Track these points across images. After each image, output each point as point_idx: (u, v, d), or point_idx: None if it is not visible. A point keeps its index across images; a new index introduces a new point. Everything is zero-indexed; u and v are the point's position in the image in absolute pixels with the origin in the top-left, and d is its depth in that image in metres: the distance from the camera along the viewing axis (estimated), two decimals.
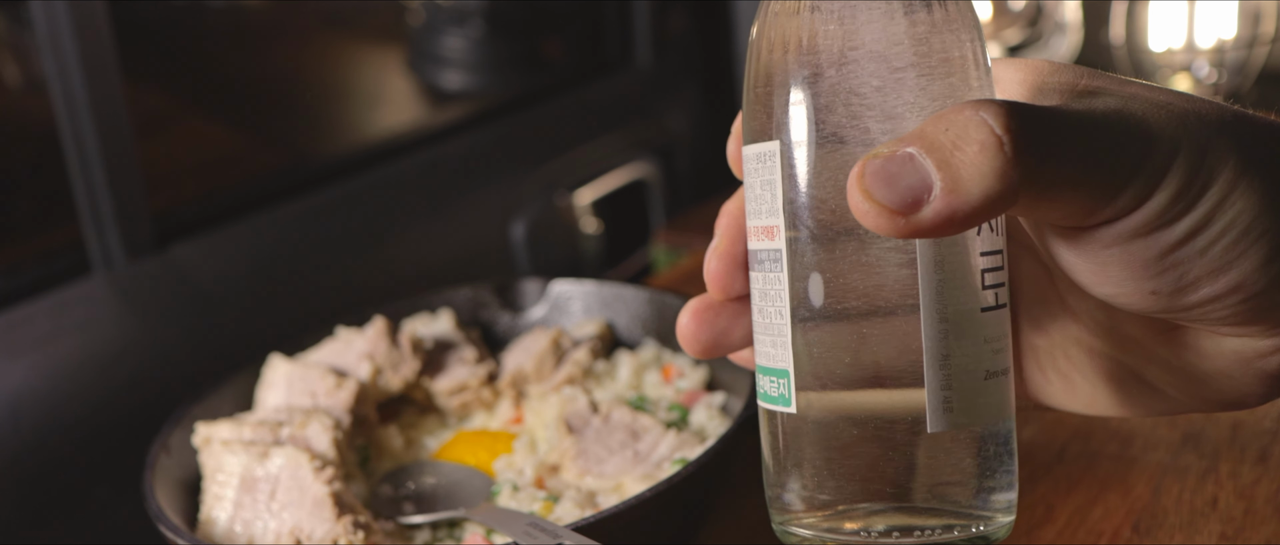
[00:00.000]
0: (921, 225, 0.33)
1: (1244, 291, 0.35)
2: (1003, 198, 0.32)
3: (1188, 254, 0.34)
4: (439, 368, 0.78)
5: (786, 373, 0.38)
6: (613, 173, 1.22)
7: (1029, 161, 0.32)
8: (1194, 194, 0.34)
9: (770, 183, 0.38)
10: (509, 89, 1.28)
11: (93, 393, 0.81)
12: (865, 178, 0.33)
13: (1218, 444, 0.72)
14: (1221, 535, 0.64)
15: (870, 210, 0.33)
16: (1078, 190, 0.33)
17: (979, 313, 0.36)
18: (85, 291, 0.84)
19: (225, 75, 1.10)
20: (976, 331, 0.36)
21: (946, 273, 0.36)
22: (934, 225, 0.33)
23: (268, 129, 1.14)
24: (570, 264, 1.16)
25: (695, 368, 0.77)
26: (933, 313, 0.36)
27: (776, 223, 0.38)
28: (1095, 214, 0.34)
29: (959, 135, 0.32)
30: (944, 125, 0.33)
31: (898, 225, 0.33)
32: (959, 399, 0.36)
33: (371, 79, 1.24)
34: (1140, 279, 0.35)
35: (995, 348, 0.37)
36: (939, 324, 0.36)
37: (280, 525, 0.64)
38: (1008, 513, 0.38)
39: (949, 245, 0.36)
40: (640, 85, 1.30)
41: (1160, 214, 0.34)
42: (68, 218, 0.85)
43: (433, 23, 1.26)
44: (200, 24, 1.09)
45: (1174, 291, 0.35)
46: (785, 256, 0.38)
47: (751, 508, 0.71)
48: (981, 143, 0.32)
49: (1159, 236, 0.34)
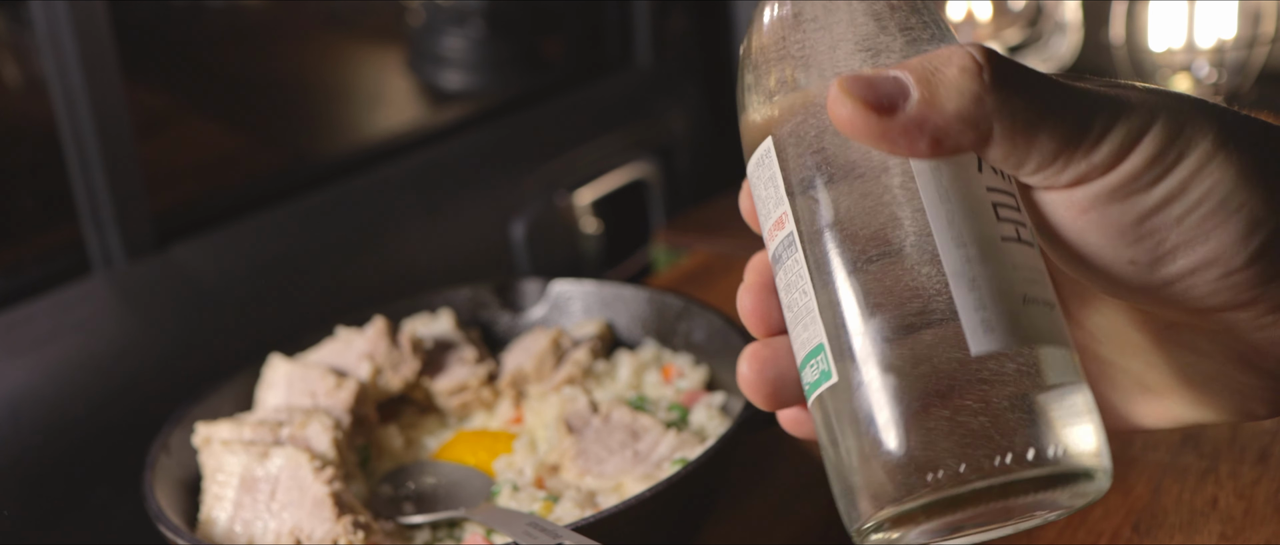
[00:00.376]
0: (891, 130, 0.34)
1: (1222, 265, 0.35)
2: (975, 121, 0.34)
3: (1164, 221, 0.35)
4: (439, 368, 0.78)
5: (821, 346, 0.36)
6: (613, 173, 1.22)
7: (1005, 92, 0.34)
8: (1171, 159, 0.34)
9: (772, 177, 0.38)
10: (509, 89, 1.28)
11: (93, 393, 0.81)
12: (845, 81, 0.34)
13: (1218, 444, 0.72)
14: (1221, 535, 0.64)
15: (846, 105, 0.34)
16: (1051, 132, 0.34)
17: (999, 241, 0.35)
18: (85, 291, 0.84)
19: (225, 75, 1.10)
20: (1001, 257, 0.35)
21: (955, 204, 0.35)
22: (904, 131, 0.34)
23: (268, 129, 1.14)
24: (570, 264, 1.16)
25: (695, 368, 0.77)
26: (949, 241, 0.35)
27: (784, 208, 0.38)
28: (1070, 159, 0.35)
29: (942, 61, 0.34)
30: (927, 56, 0.35)
31: (870, 122, 0.34)
32: (997, 318, 0.34)
33: (371, 79, 1.24)
34: (1118, 245, 0.36)
35: (1029, 277, 0.35)
36: (958, 249, 0.35)
37: (280, 525, 0.64)
38: (1097, 457, 0.35)
39: (951, 178, 0.35)
40: (640, 85, 1.30)
41: (1136, 175, 0.34)
42: (68, 218, 0.85)
43: (433, 23, 1.26)
44: (200, 24, 1.09)
45: (1152, 261, 0.35)
46: (797, 233, 0.37)
47: (751, 508, 0.71)
48: (962, 67, 0.34)
49: (1135, 201, 0.35)
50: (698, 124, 1.31)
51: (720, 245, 1.11)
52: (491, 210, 1.11)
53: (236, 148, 1.10)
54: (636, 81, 1.30)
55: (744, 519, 0.70)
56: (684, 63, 1.33)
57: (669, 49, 1.32)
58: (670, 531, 0.65)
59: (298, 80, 1.17)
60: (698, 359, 0.78)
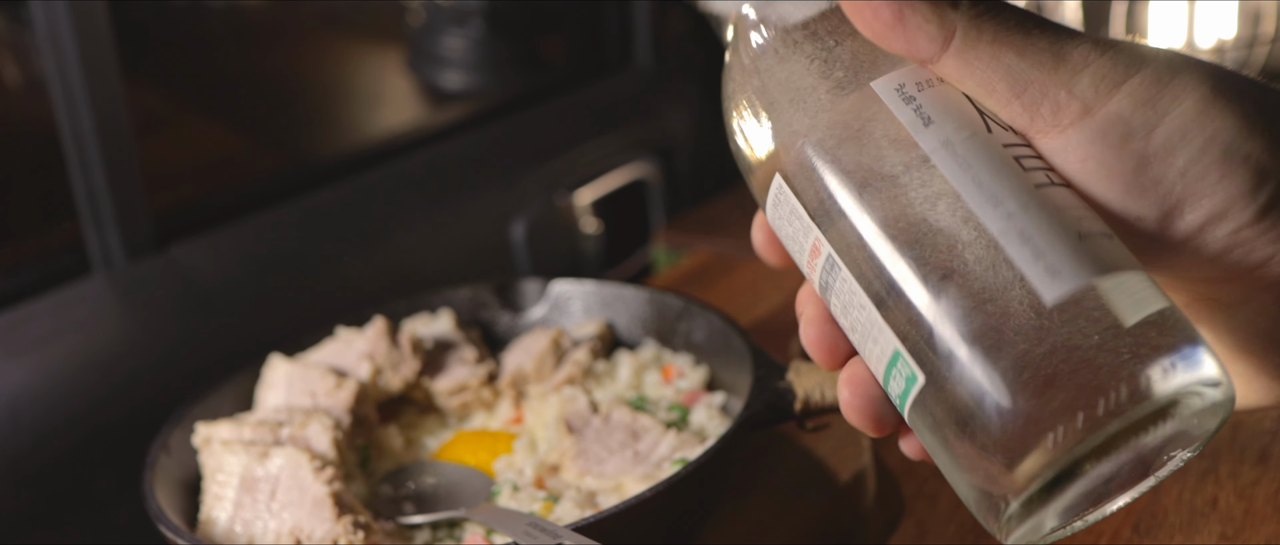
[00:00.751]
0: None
1: (1232, 219, 0.34)
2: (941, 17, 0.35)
3: (1166, 171, 0.34)
4: (439, 368, 0.78)
5: (898, 353, 0.35)
6: (613, 173, 1.22)
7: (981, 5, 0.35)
8: (1165, 103, 0.34)
9: (793, 210, 0.38)
10: (509, 89, 1.28)
11: (93, 393, 0.81)
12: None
13: (1218, 444, 0.72)
14: (1221, 535, 0.64)
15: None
16: (1020, 52, 0.35)
17: (1033, 188, 0.35)
18: (85, 291, 0.84)
19: (225, 75, 1.10)
20: (1042, 203, 0.34)
21: (977, 167, 0.35)
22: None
23: (268, 129, 1.14)
24: (570, 264, 1.16)
25: (695, 368, 0.77)
26: (985, 204, 0.34)
27: (815, 235, 0.38)
28: (1045, 88, 0.35)
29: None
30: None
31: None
32: (1060, 261, 0.33)
33: (371, 79, 1.25)
34: (1124, 199, 0.35)
35: (1077, 214, 0.35)
36: (995, 208, 0.34)
37: (280, 525, 0.64)
38: (1210, 364, 0.33)
39: (965, 146, 0.36)
40: (640, 85, 1.30)
41: (1126, 116, 0.34)
42: (68, 218, 0.85)
43: (433, 23, 1.26)
44: (200, 24, 1.10)
45: (1160, 216, 0.35)
46: (835, 253, 0.37)
47: (751, 508, 0.71)
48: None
49: (1133, 147, 0.34)
50: (698, 124, 1.31)
51: (720, 245, 1.11)
52: (491, 210, 1.11)
53: (236, 148, 1.10)
54: (636, 81, 1.30)
55: (744, 519, 0.70)
56: (684, 63, 1.33)
57: (669, 49, 1.32)
58: (670, 531, 0.65)
59: (298, 80, 1.17)
60: (698, 359, 0.78)
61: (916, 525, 0.67)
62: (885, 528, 0.68)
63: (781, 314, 0.95)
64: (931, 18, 0.35)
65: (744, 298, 1.00)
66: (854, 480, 0.71)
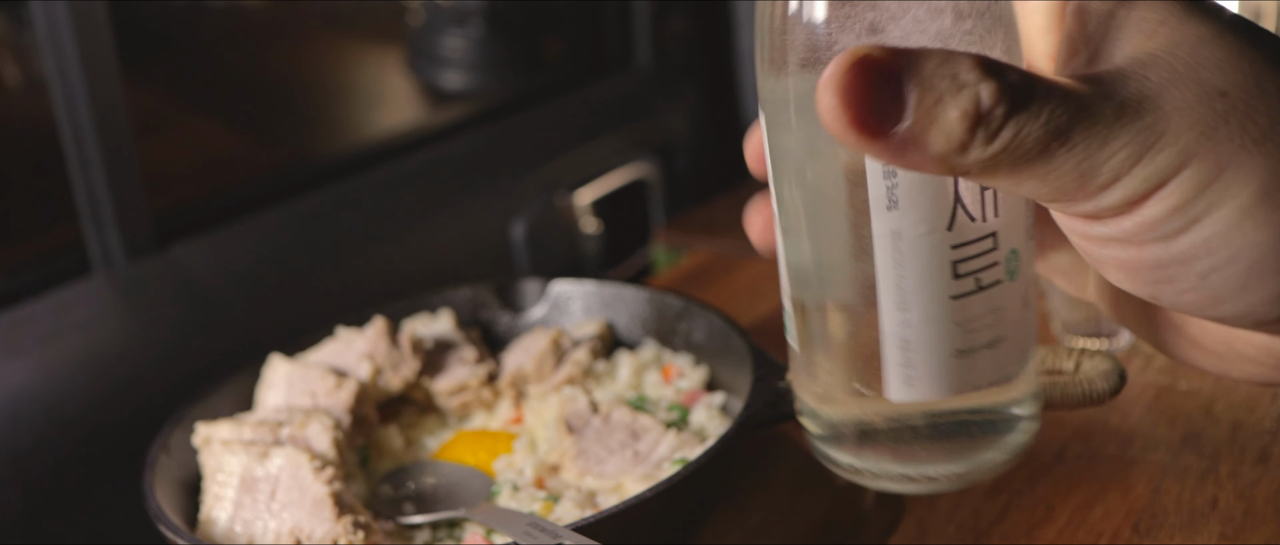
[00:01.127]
0: (868, 146, 0.31)
1: (1252, 318, 0.32)
2: (953, 168, 0.31)
3: (1187, 274, 0.32)
4: (439, 368, 0.78)
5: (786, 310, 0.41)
6: (613, 173, 1.22)
7: (995, 144, 0.30)
8: (1198, 208, 0.30)
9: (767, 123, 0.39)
10: (509, 89, 1.28)
11: (93, 393, 0.81)
12: (844, 73, 0.30)
13: (1218, 444, 0.72)
14: (1221, 535, 0.64)
15: (831, 100, 0.30)
16: (1043, 177, 0.31)
17: (949, 301, 0.36)
18: (85, 291, 0.84)
19: (225, 75, 1.10)
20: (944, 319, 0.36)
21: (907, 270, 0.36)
22: (882, 150, 0.31)
23: (268, 129, 1.14)
24: (570, 264, 1.16)
25: (695, 368, 0.77)
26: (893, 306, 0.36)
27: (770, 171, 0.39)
28: (1072, 201, 0.31)
29: (949, 92, 0.30)
30: (942, 72, 0.30)
31: (847, 134, 0.30)
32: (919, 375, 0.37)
33: (371, 79, 1.25)
34: (1137, 285, 0.33)
35: (975, 327, 0.36)
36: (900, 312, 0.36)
37: (280, 525, 0.64)
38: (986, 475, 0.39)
39: (911, 245, 0.35)
40: (640, 85, 1.30)
41: (1154, 224, 0.31)
42: (68, 218, 0.85)
43: (433, 23, 1.26)
44: (200, 24, 1.10)
45: (1173, 304, 0.33)
46: (779, 201, 0.39)
47: (751, 508, 0.71)
48: (963, 112, 0.30)
49: (1154, 248, 0.32)
50: (698, 124, 1.31)
51: (720, 245, 1.11)
52: (491, 210, 1.11)
53: (236, 148, 1.10)
54: (636, 81, 1.30)
55: (744, 519, 0.70)
56: (684, 63, 1.33)
57: (669, 49, 1.32)
58: (670, 531, 0.65)
59: (298, 80, 1.17)
60: (698, 359, 0.78)
61: (916, 525, 0.67)
62: (885, 528, 0.68)
63: (781, 314, 0.95)
64: (942, 168, 0.31)
65: (744, 298, 1.00)
66: None
